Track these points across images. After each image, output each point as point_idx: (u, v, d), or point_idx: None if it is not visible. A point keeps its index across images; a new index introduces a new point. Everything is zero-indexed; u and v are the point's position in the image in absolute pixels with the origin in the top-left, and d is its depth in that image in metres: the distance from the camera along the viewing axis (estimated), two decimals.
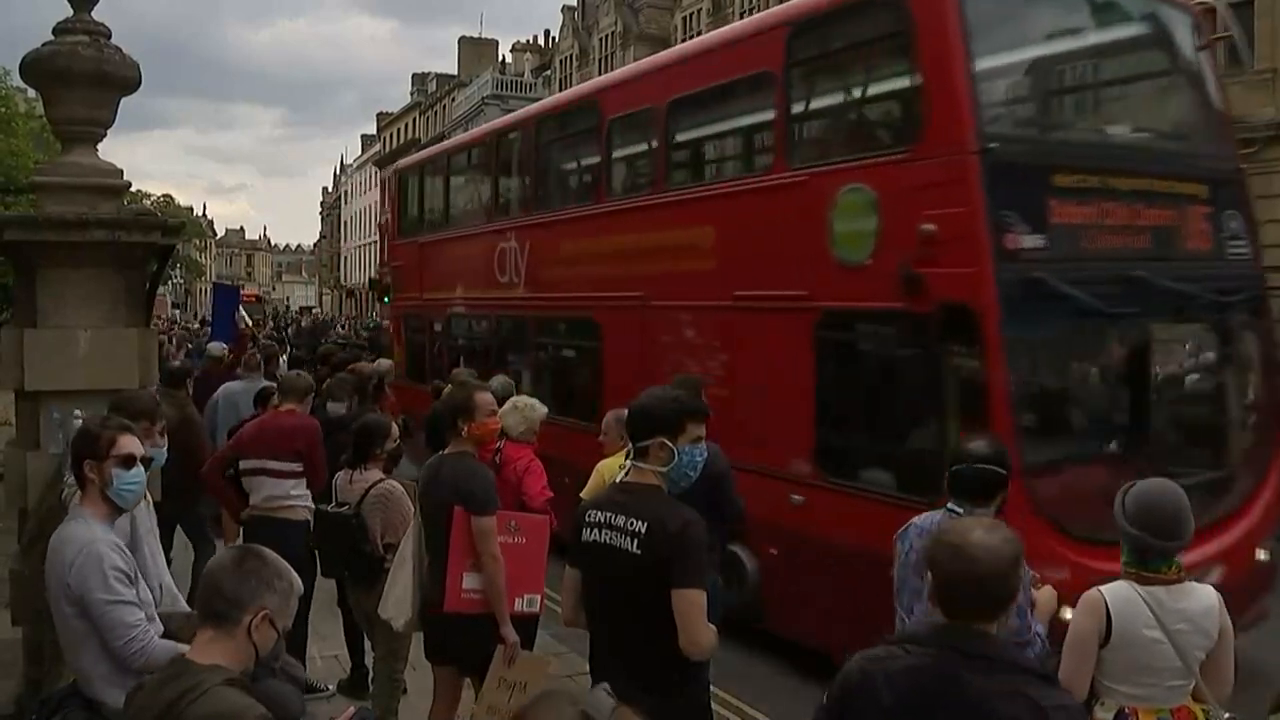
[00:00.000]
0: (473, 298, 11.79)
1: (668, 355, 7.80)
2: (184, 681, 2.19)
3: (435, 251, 12.90)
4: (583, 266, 9.18)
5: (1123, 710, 3.16)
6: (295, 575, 2.45)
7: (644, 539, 3.07)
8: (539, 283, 9.91)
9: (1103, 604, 3.13)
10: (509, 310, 10.76)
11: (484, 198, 12.18)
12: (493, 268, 10.74)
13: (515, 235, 10.39)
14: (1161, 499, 3.16)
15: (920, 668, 2.19)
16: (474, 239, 11.54)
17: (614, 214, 8.69)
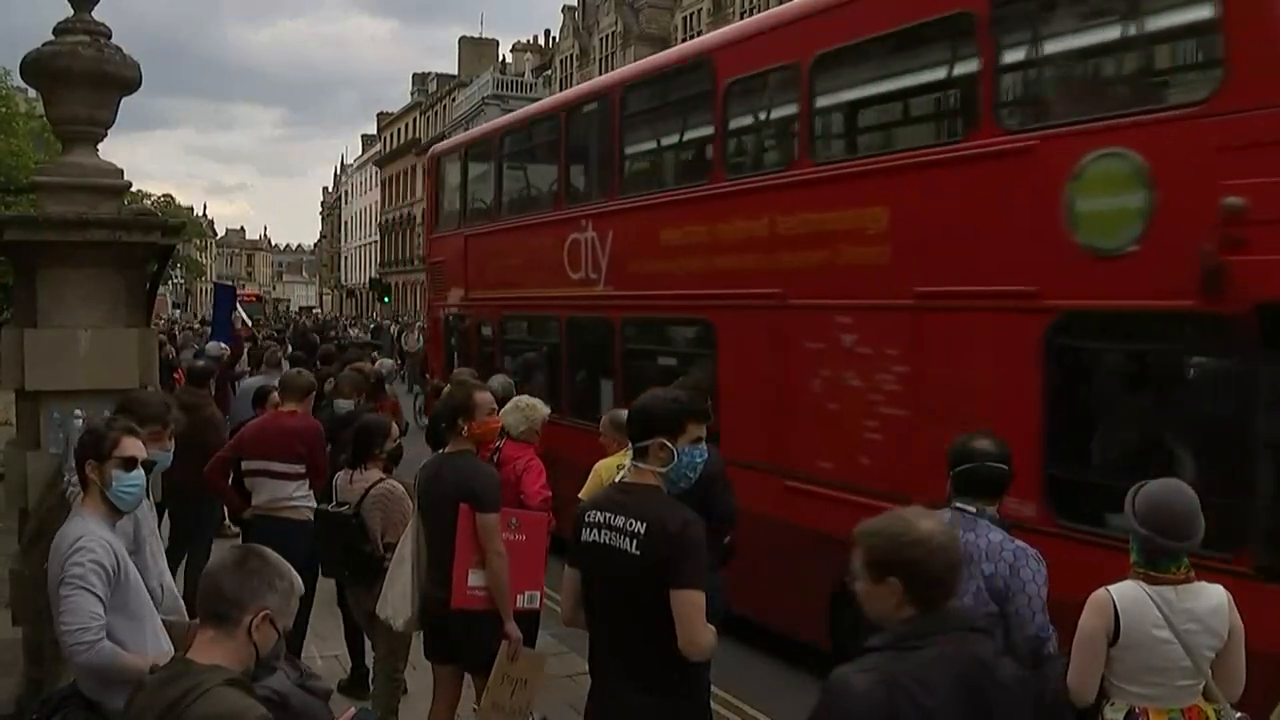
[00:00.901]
0: (534, 297, 10.19)
1: (815, 365, 6.41)
2: (185, 682, 2.19)
3: (485, 245, 11.25)
4: (690, 259, 7.64)
5: (1133, 710, 3.15)
6: (296, 575, 2.45)
7: (643, 539, 3.06)
8: (627, 278, 8.42)
9: (1111, 604, 3.12)
10: (584, 310, 9.23)
11: (550, 182, 10.62)
12: (562, 262, 9.22)
13: (594, 224, 8.84)
14: (1170, 499, 3.15)
15: (942, 658, 2.18)
16: (537, 230, 10.06)
17: (736, 195, 7.18)
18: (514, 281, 10.59)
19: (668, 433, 3.20)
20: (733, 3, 33.75)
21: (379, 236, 72.01)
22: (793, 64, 6.73)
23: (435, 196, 13.24)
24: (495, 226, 11.08)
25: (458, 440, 4.57)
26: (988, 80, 5.62)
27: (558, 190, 10.01)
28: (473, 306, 11.61)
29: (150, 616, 3.31)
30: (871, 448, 5.91)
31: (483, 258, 11.29)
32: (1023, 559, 3.40)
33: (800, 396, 6.44)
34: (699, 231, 7.55)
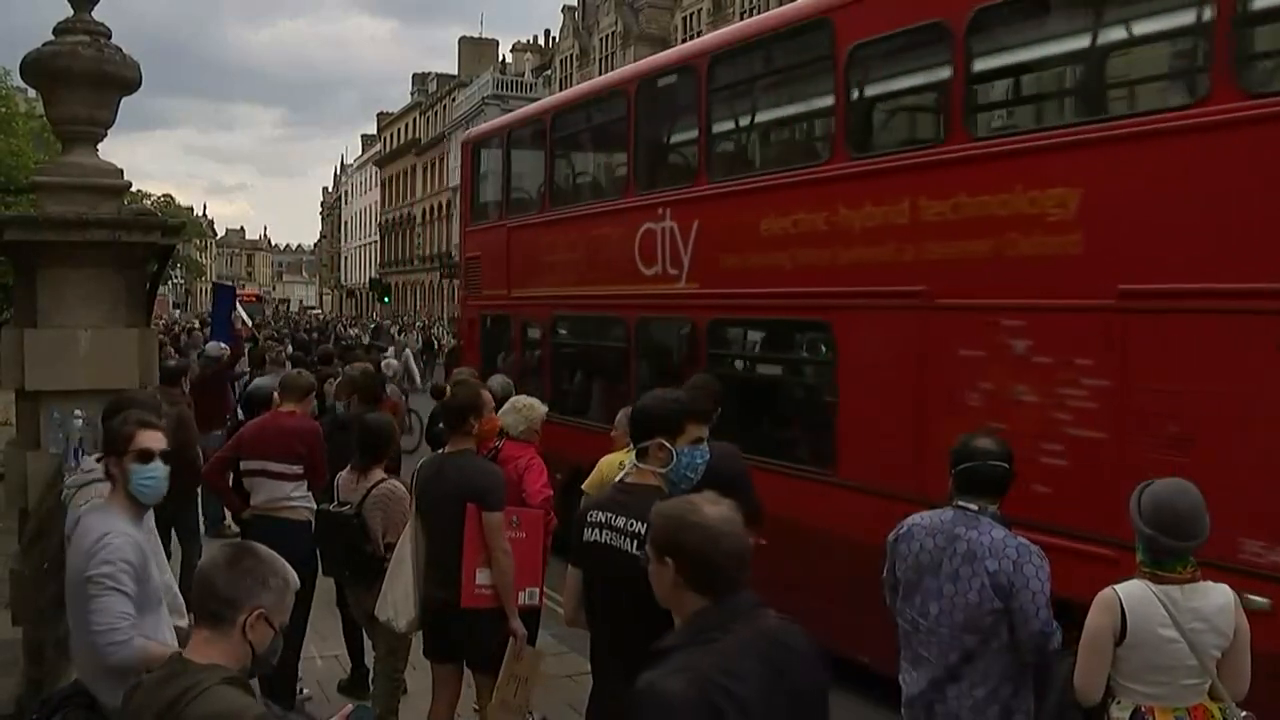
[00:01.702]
0: (594, 295, 8.98)
1: (971, 376, 5.34)
2: (182, 681, 2.19)
3: (532, 238, 10.06)
4: (801, 251, 6.53)
5: (1139, 709, 3.15)
6: (291, 572, 2.44)
7: (643, 539, 3.06)
8: (717, 274, 7.32)
9: (1117, 603, 3.12)
10: (659, 310, 8.15)
11: (615, 166, 9.52)
12: (632, 255, 8.14)
13: (673, 212, 7.74)
14: (1175, 498, 3.15)
15: (743, 645, 2.17)
16: (598, 220, 8.94)
17: (865, 177, 6.12)
18: (568, 278, 9.37)
19: (667, 433, 3.20)
20: (733, 3, 33.76)
21: (379, 236, 72.06)
22: (941, 22, 5.69)
23: (471, 186, 11.98)
24: (545, 218, 9.87)
25: (461, 439, 4.58)
26: (1222, 30, 4.52)
27: (626, 175, 8.73)
28: (516, 306, 10.40)
29: (160, 607, 3.34)
30: (1054, 476, 4.89)
31: (529, 252, 10.08)
32: (1025, 556, 3.40)
33: (949, 413, 5.33)
34: (813, 219, 6.42)
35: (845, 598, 5.42)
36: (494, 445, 5.12)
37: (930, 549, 3.52)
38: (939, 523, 3.56)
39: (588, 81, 12.93)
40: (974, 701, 3.41)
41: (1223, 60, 4.54)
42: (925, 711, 3.56)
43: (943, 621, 3.48)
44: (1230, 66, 4.51)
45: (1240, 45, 4.60)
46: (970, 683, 3.42)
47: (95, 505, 3.58)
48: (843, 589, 5.51)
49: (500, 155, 11.10)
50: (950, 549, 3.47)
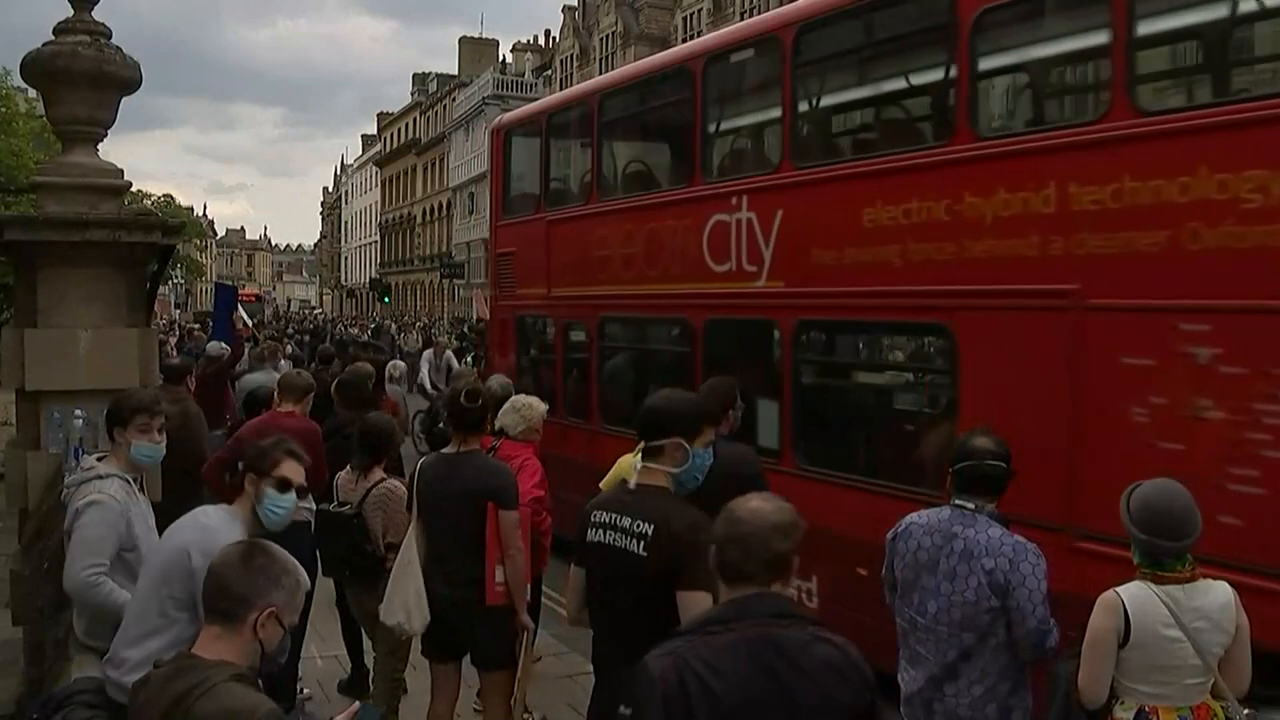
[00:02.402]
0: (652, 294, 8.07)
1: (1137, 389, 4.65)
2: (191, 677, 2.19)
3: (577, 232, 9.12)
4: (915, 244, 5.73)
5: (1143, 709, 3.16)
6: (302, 572, 2.46)
7: (650, 540, 3.07)
8: (806, 271, 6.45)
9: (1120, 604, 3.13)
10: (733, 311, 7.31)
11: (678, 152, 8.64)
12: (700, 250, 7.37)
13: (751, 202, 6.92)
14: (1164, 499, 3.16)
15: (736, 643, 2.21)
16: (658, 211, 8.04)
17: (998, 160, 5.38)
18: (620, 276, 8.44)
19: (685, 434, 3.20)
20: (733, 3, 33.77)
21: (379, 236, 72.07)
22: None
23: (503, 177, 10.96)
24: (592, 209, 8.95)
25: (470, 439, 4.59)
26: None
27: (692, 162, 7.83)
28: (557, 306, 9.49)
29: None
30: (1247, 506, 4.28)
31: (573, 247, 9.15)
32: (1022, 554, 3.42)
33: (1108, 430, 4.73)
34: (931, 208, 5.62)
35: None
36: (492, 445, 5.13)
37: (928, 547, 3.53)
38: (936, 521, 3.58)
39: (644, 60, 10.94)
40: (972, 699, 3.43)
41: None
42: (924, 709, 3.57)
43: (941, 620, 3.49)
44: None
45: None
46: (968, 680, 3.44)
47: (100, 500, 3.61)
48: None
49: (538, 143, 10.08)
50: (947, 547, 3.48)
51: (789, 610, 2.29)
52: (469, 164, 50.50)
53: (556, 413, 8.73)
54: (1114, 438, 4.68)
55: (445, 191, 55.86)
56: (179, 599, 3.09)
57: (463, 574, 4.41)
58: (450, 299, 53.90)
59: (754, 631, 2.21)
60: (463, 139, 52.07)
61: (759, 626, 2.22)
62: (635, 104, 9.14)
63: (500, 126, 11.13)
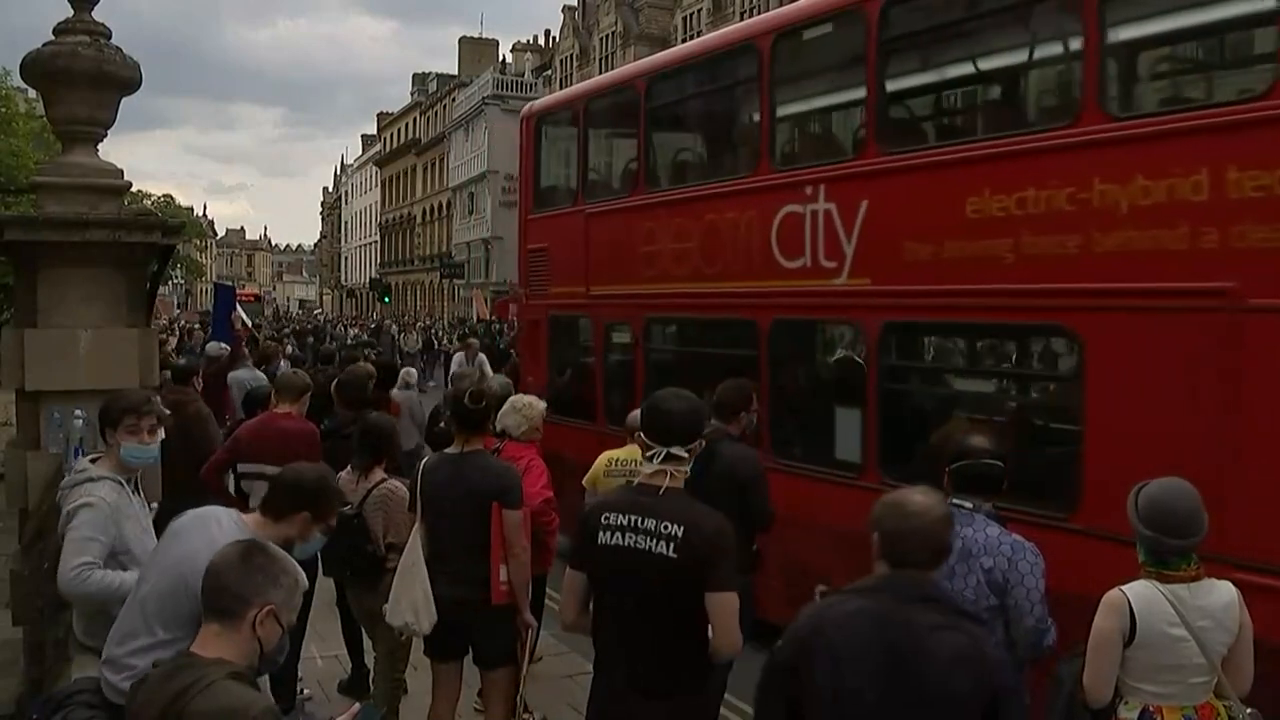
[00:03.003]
0: (711, 293, 7.40)
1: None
2: (188, 675, 2.20)
3: (620, 225, 8.44)
4: (1032, 237, 5.15)
5: (1147, 709, 3.15)
6: (301, 572, 2.46)
7: (680, 542, 3.07)
8: (898, 266, 5.85)
9: (1126, 604, 3.12)
10: (809, 311, 6.69)
11: (741, 138, 8.04)
12: (767, 244, 6.73)
13: (830, 191, 6.30)
14: (1172, 497, 3.16)
15: (872, 609, 2.46)
16: (715, 202, 7.35)
17: (1134, 143, 4.80)
18: (671, 273, 7.77)
19: (698, 438, 3.26)
20: (733, 3, 33.76)
21: (379, 236, 72.06)
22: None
23: (533, 167, 10.17)
24: (638, 201, 8.24)
25: (474, 439, 4.60)
26: None
27: (758, 148, 7.15)
28: (597, 305, 8.77)
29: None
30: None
31: (616, 242, 8.46)
32: (1020, 553, 3.43)
33: (1268, 449, 4.24)
34: (1051, 197, 5.06)
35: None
36: (496, 446, 5.13)
37: None
38: None
39: (697, 40, 10.03)
40: None
41: None
42: None
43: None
44: None
45: None
46: None
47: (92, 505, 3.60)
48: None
49: (575, 130, 9.37)
50: (960, 549, 3.48)
51: (933, 594, 2.50)
52: (469, 164, 50.50)
53: (595, 420, 8.46)
54: (1276, 457, 4.15)
55: (445, 191, 55.84)
56: (182, 617, 2.94)
57: (466, 574, 4.42)
58: (450, 299, 53.89)
59: (886, 606, 2.44)
60: (462, 139, 52.06)
61: (892, 604, 2.44)
62: (689, 86, 8.40)
63: (530, 114, 10.35)
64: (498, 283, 43.84)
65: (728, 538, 3.12)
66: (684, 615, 3.10)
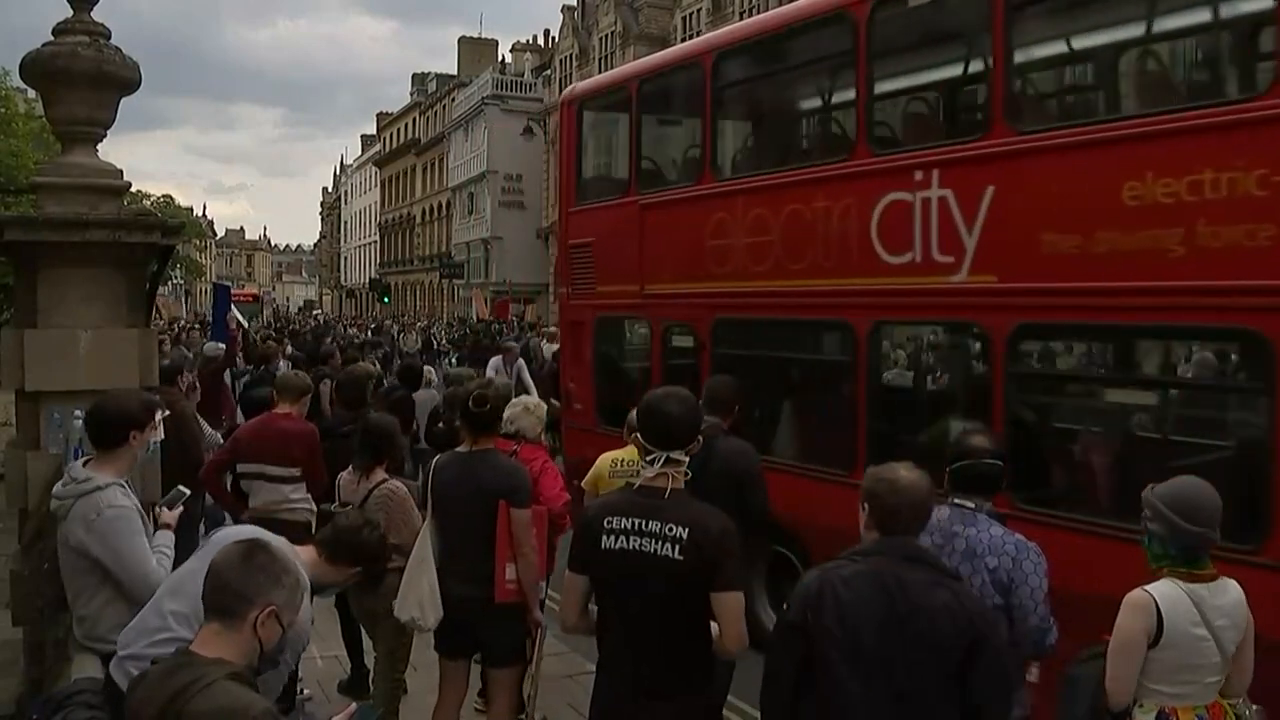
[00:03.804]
0: (795, 291, 6.62)
1: None
2: (187, 674, 2.19)
3: (682, 217, 7.71)
4: (1209, 227, 4.49)
5: (1163, 711, 3.14)
6: (303, 572, 2.46)
7: (687, 543, 3.08)
8: (1033, 260, 5.16)
9: (1153, 605, 3.10)
10: (919, 312, 6.06)
11: (831, 118, 7.51)
12: (866, 236, 6.02)
13: (946, 176, 5.57)
14: (1199, 492, 3.15)
15: (868, 571, 2.82)
16: (800, 191, 6.58)
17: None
18: (746, 269, 7.04)
19: (696, 439, 3.29)
20: (732, 2, 33.74)
21: (379, 236, 72.04)
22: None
23: (574, 155, 9.35)
24: (705, 190, 7.51)
25: (483, 439, 4.62)
26: None
27: (854, 129, 6.45)
28: (654, 305, 8.00)
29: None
30: None
31: (677, 236, 7.75)
32: (1024, 552, 3.43)
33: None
34: (1236, 180, 4.36)
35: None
36: (514, 449, 5.14)
37: (929, 547, 3.53)
38: (936, 521, 3.57)
39: (771, 11, 8.83)
40: None
41: None
42: None
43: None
44: None
45: None
46: None
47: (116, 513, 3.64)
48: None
49: (625, 114, 8.59)
50: (949, 546, 3.49)
51: (920, 556, 2.89)
52: (468, 164, 50.48)
53: None
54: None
55: (445, 191, 55.82)
56: None
57: (476, 572, 4.44)
58: (450, 299, 53.88)
59: (884, 566, 2.81)
60: (462, 139, 52.04)
61: (890, 565, 2.81)
62: (765, 63, 7.56)
63: (572, 98, 9.52)
64: (497, 283, 43.86)
65: (733, 538, 3.13)
66: (690, 616, 3.12)
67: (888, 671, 2.72)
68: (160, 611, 3.11)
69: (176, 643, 2.72)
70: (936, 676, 2.73)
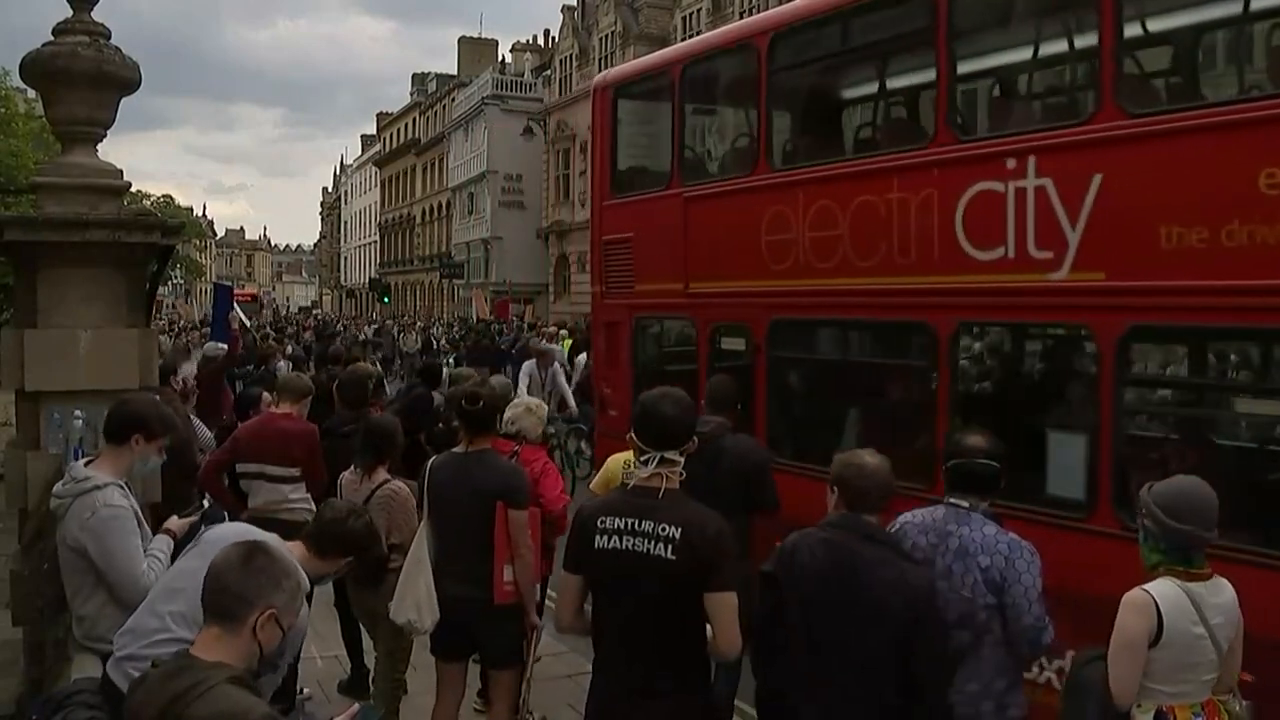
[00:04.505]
0: (865, 289, 6.07)
1: None
2: (187, 678, 2.19)
3: (732, 210, 7.18)
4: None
5: (1161, 710, 3.14)
6: (303, 574, 2.45)
7: (679, 543, 3.08)
8: (1148, 255, 4.66)
9: (1153, 605, 3.10)
10: (1009, 313, 5.53)
11: (904, 102, 7.13)
12: (950, 231, 5.49)
13: (1044, 163, 5.04)
14: (1196, 491, 3.15)
15: (832, 540, 3.25)
16: (872, 181, 6.03)
17: None
18: (808, 266, 6.46)
19: (691, 438, 3.30)
20: (732, 3, 33.74)
21: (378, 237, 72.02)
22: None
23: (609, 145, 8.75)
24: (760, 181, 6.95)
25: (479, 439, 4.61)
26: None
27: (933, 114, 5.86)
28: (702, 305, 7.48)
29: None
30: None
31: (727, 230, 7.21)
32: (1017, 551, 3.43)
33: None
34: None
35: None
36: (514, 450, 5.14)
37: (924, 546, 3.53)
38: (931, 520, 3.59)
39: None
40: (967, 695, 3.43)
41: None
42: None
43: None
44: None
45: None
46: (964, 677, 3.44)
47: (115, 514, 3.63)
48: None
49: (667, 100, 8.03)
50: (943, 546, 3.49)
51: (878, 535, 3.29)
52: (468, 164, 50.46)
53: None
54: None
55: (445, 191, 55.80)
56: None
57: (473, 573, 4.43)
58: (450, 299, 53.87)
59: (839, 537, 3.23)
60: (462, 139, 52.03)
61: (852, 538, 3.22)
62: (827, 43, 6.99)
63: (605, 84, 8.88)
64: (497, 283, 43.83)
65: (726, 538, 3.14)
66: (684, 616, 3.12)
67: (838, 633, 3.13)
68: (157, 613, 3.11)
69: (177, 644, 2.73)
70: (879, 643, 3.10)
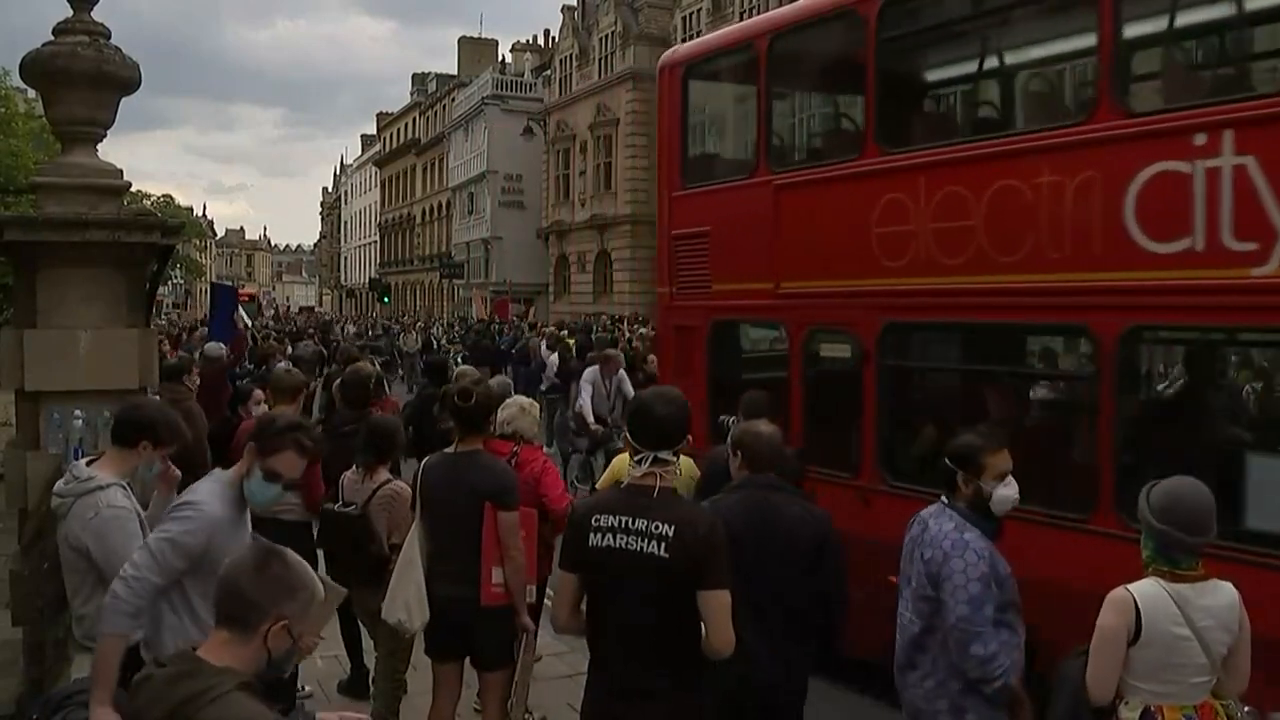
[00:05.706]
0: (1006, 288, 5.30)
1: None
2: (196, 682, 2.16)
3: (834, 200, 6.37)
4: None
5: (1148, 709, 3.15)
6: (319, 585, 2.40)
7: (672, 542, 3.08)
8: None
9: (1132, 603, 3.12)
10: (1199, 315, 4.75)
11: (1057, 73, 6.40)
12: (1118, 219, 4.77)
13: (1243, 139, 4.37)
14: (1189, 495, 3.16)
15: (745, 495, 3.88)
16: (1014, 164, 5.29)
17: None
18: (932, 261, 5.67)
19: (685, 438, 3.31)
20: (732, 3, 33.75)
21: (378, 237, 72.03)
22: None
23: (679, 130, 7.84)
24: (870, 166, 6.09)
25: (471, 438, 4.60)
26: None
27: (1100, 84, 5.07)
28: (794, 307, 6.60)
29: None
30: None
31: (827, 222, 6.39)
32: (958, 550, 3.46)
33: None
34: None
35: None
36: (513, 451, 5.13)
37: (912, 537, 3.69)
38: (925, 514, 3.71)
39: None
40: (925, 691, 3.56)
41: None
42: (900, 690, 3.75)
43: (906, 606, 3.66)
44: None
45: None
46: (922, 673, 3.57)
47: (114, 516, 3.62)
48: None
49: (750, 79, 7.29)
50: (921, 538, 3.62)
51: (777, 484, 3.95)
52: (468, 164, 50.47)
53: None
54: None
55: (445, 191, 55.80)
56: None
57: (465, 573, 4.42)
58: (450, 299, 53.87)
59: (753, 495, 3.88)
60: (462, 139, 52.03)
61: (760, 492, 3.89)
62: (952, 7, 6.31)
63: (673, 63, 7.91)
64: (497, 283, 43.84)
65: (719, 536, 3.13)
66: (678, 615, 3.11)
67: (762, 569, 3.68)
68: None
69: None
70: (796, 571, 3.76)
